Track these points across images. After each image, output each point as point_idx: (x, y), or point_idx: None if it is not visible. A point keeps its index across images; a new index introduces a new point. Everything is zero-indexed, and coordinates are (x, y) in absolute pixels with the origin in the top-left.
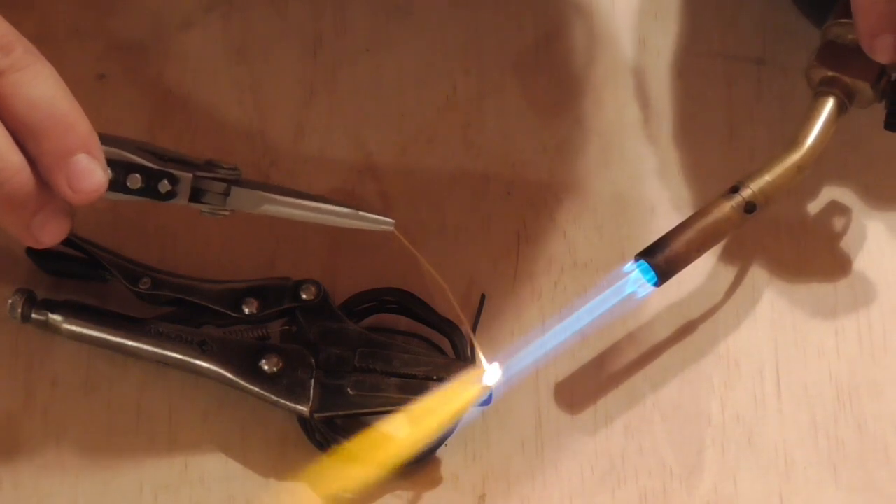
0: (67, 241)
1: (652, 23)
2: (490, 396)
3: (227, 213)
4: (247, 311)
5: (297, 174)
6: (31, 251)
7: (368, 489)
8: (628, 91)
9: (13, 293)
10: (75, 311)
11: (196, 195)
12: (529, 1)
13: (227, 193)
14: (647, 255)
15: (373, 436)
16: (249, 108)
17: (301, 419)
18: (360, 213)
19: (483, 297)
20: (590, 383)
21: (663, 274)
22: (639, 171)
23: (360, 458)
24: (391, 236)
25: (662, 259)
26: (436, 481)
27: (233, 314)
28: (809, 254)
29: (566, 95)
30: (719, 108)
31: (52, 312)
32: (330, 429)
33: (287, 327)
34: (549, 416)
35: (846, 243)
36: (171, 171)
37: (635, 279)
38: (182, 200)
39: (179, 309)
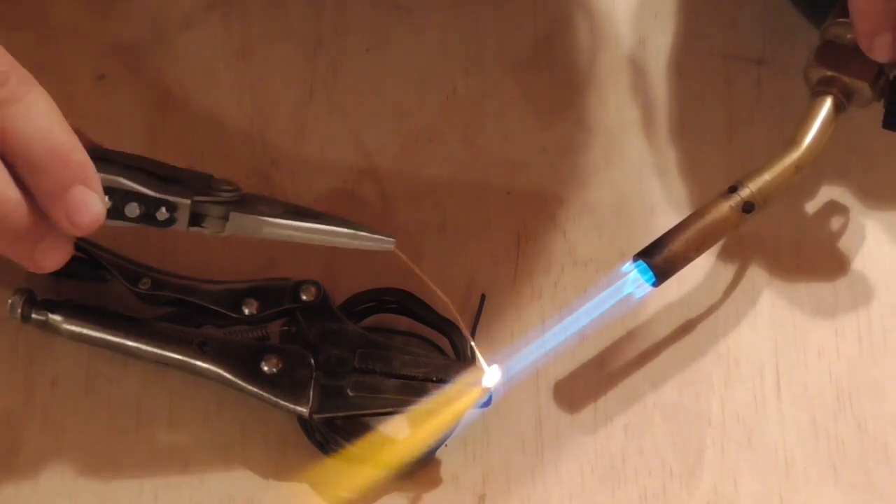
0: None
1: (652, 22)
2: (490, 398)
3: (227, 235)
4: (247, 311)
5: (297, 174)
6: None
7: (369, 490)
8: (628, 91)
9: (13, 293)
10: (75, 311)
11: (195, 220)
12: (529, 1)
13: (225, 218)
14: (646, 255)
15: (373, 436)
16: (249, 108)
17: (301, 420)
18: (360, 233)
19: (483, 297)
20: (590, 383)
21: (662, 274)
22: (638, 170)
23: (361, 459)
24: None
25: (661, 259)
26: (436, 482)
27: (233, 315)
28: (809, 254)
29: (566, 95)
30: (719, 107)
31: (52, 312)
32: (330, 429)
33: (287, 328)
34: (549, 416)
35: (845, 243)
36: (169, 198)
37: (634, 279)
38: (181, 227)
39: (179, 309)
